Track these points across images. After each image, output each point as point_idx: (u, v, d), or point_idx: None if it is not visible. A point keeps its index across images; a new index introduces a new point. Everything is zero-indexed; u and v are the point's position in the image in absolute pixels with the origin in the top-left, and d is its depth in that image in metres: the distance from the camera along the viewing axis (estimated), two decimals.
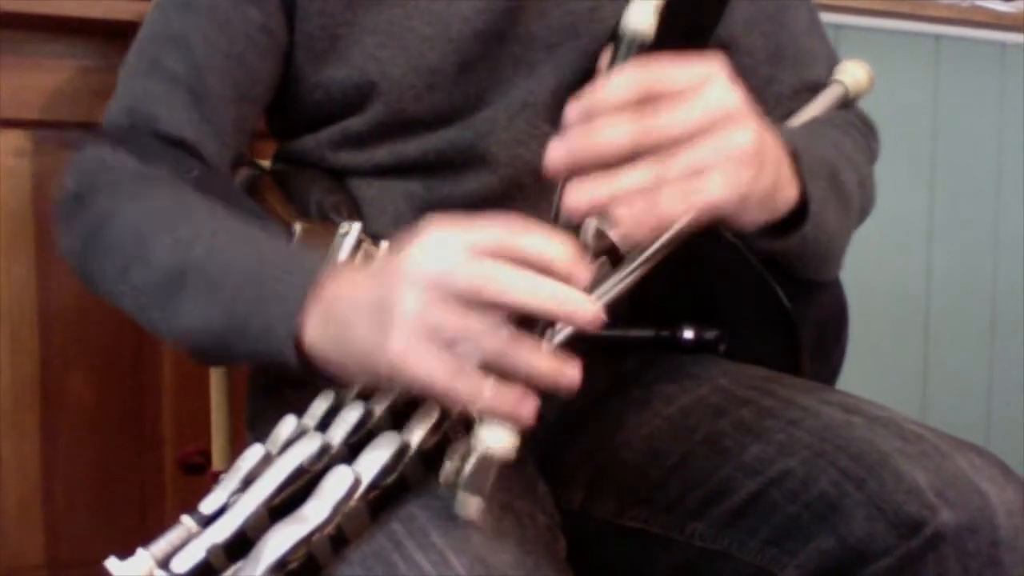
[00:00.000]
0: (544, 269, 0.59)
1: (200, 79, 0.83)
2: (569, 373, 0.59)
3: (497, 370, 0.59)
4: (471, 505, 0.63)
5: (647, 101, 0.61)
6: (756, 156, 0.63)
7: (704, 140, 0.61)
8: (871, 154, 0.93)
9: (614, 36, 0.65)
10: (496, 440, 0.61)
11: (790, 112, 0.91)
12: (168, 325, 0.73)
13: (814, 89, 0.92)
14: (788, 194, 0.71)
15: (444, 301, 0.58)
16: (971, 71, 1.94)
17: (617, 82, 0.62)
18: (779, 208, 0.71)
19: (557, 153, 0.61)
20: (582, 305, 0.59)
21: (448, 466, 0.63)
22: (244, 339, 0.69)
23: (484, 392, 0.58)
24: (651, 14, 0.64)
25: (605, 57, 0.66)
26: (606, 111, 0.61)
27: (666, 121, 0.61)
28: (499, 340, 0.58)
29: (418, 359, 0.59)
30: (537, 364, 0.58)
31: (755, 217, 0.68)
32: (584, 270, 0.60)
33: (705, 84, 0.62)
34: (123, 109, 0.84)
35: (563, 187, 0.62)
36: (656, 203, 0.60)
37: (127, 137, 0.83)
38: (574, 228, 0.63)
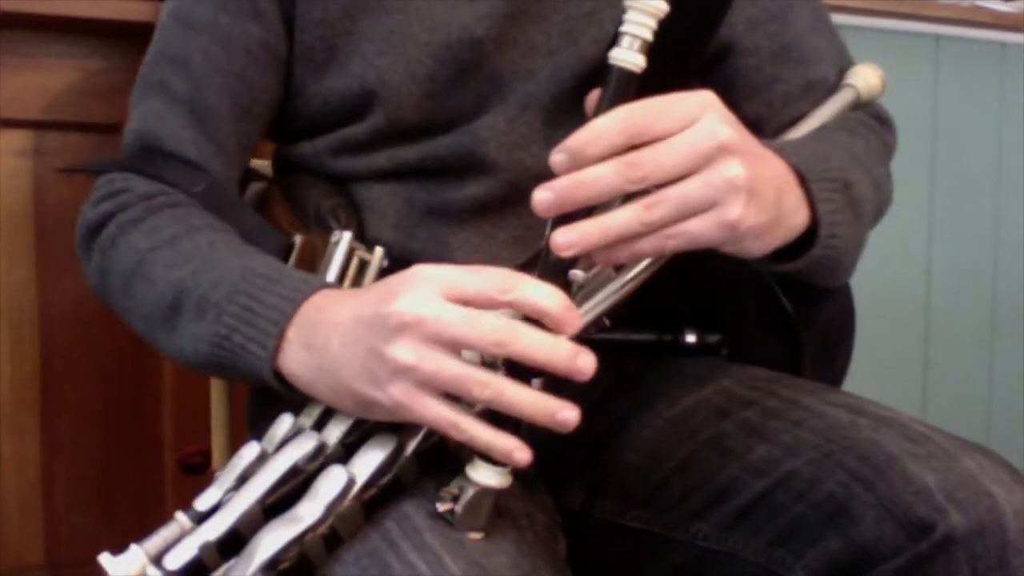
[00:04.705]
0: (536, 318, 0.61)
1: (201, 98, 0.84)
2: (561, 414, 0.61)
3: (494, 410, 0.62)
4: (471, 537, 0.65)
5: (636, 140, 0.62)
6: (746, 189, 0.64)
7: (693, 175, 0.63)
8: (887, 150, 0.92)
9: (604, 67, 0.65)
10: (486, 477, 0.64)
11: (799, 112, 0.90)
12: (169, 345, 0.76)
13: (821, 87, 0.92)
14: (795, 221, 0.72)
15: (438, 349, 0.60)
16: (971, 71, 1.94)
17: (604, 124, 0.62)
18: (786, 237, 0.71)
19: (544, 198, 0.63)
20: (568, 358, 0.61)
21: (440, 508, 0.65)
22: (227, 361, 0.71)
23: (481, 437, 0.62)
24: (639, 47, 0.64)
25: (593, 95, 0.66)
26: (593, 156, 0.62)
27: (654, 161, 0.62)
28: (490, 390, 0.60)
29: (421, 408, 0.62)
30: (528, 409, 0.61)
31: (755, 248, 0.68)
32: (575, 319, 0.62)
33: (694, 119, 0.63)
34: (134, 131, 0.85)
35: (552, 226, 0.63)
36: (633, 244, 0.63)
37: (140, 158, 0.84)
38: (563, 265, 0.64)
